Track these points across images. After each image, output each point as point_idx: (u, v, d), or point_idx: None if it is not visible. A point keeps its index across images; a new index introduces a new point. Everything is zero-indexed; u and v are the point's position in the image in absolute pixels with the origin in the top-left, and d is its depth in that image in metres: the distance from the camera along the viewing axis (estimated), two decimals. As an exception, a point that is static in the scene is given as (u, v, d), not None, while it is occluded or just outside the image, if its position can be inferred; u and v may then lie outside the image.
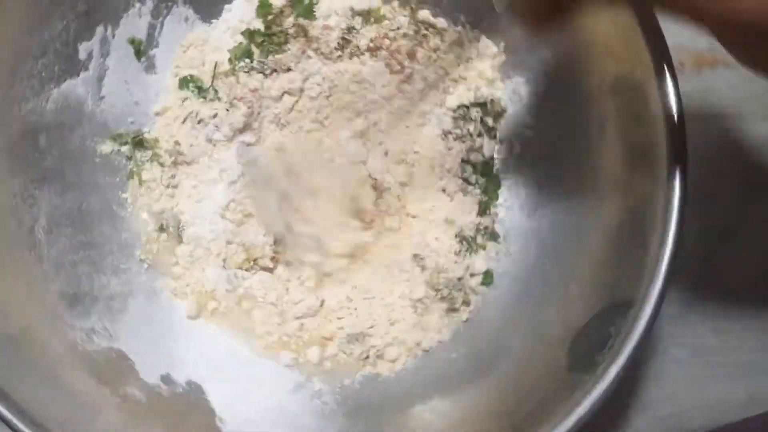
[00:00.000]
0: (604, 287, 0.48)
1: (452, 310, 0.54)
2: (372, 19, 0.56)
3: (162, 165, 0.54)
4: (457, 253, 0.55)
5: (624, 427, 0.57)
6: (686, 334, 0.58)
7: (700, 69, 0.62)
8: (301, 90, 0.55)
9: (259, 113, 0.55)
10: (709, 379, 0.58)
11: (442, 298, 0.53)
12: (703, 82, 0.62)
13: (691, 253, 0.58)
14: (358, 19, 0.56)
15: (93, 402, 0.44)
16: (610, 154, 0.49)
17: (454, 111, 0.56)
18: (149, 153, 0.54)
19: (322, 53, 0.55)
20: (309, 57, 0.55)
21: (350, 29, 0.56)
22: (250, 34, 0.55)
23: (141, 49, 0.54)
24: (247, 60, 0.55)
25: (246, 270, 0.54)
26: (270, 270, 0.55)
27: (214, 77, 0.55)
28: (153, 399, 0.48)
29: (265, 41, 0.55)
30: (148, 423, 0.45)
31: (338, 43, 0.55)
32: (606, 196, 0.50)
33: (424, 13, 0.56)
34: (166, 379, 0.49)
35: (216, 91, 0.55)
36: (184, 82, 0.55)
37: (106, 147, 0.53)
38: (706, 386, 0.57)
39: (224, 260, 0.54)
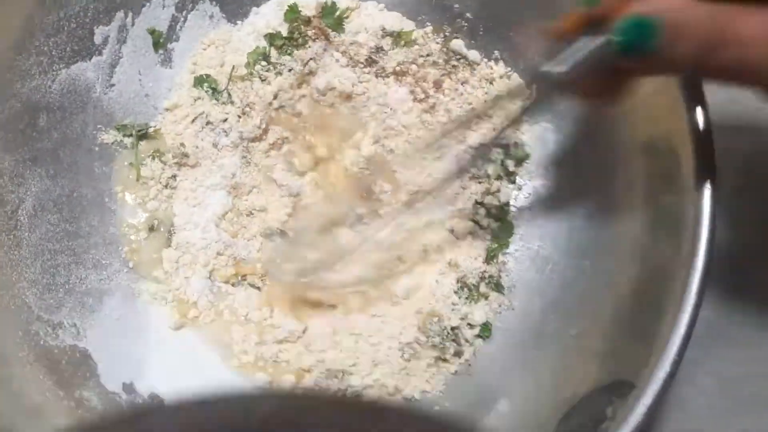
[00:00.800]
0: (608, 361, 0.44)
1: (442, 359, 0.50)
2: (402, 42, 0.54)
3: (164, 163, 0.52)
4: (456, 301, 0.51)
5: (644, 460, 0.53)
6: (712, 361, 0.53)
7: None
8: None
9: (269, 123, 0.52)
10: (735, 410, 0.53)
11: (433, 346, 0.50)
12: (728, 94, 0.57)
13: (719, 275, 0.51)
14: (388, 40, 0.53)
15: (43, 403, 0.42)
16: (635, 216, 0.46)
17: (475, 149, 0.53)
18: (152, 148, 0.52)
19: (344, 53, 0.53)
20: (331, 55, 0.53)
21: (378, 49, 0.53)
22: (270, 36, 0.53)
23: (160, 41, 0.52)
24: (264, 63, 0.53)
25: (232, 285, 0.51)
26: (258, 288, 0.52)
27: (230, 80, 0.53)
28: (109, 408, 0.45)
29: (285, 44, 0.53)
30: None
31: (365, 61, 0.53)
32: (624, 261, 0.46)
33: (457, 43, 0.54)
34: (128, 388, 0.47)
35: (230, 95, 0.52)
36: (200, 81, 0.53)
37: (109, 136, 0.51)
38: (732, 418, 0.52)
39: (211, 272, 0.51)
